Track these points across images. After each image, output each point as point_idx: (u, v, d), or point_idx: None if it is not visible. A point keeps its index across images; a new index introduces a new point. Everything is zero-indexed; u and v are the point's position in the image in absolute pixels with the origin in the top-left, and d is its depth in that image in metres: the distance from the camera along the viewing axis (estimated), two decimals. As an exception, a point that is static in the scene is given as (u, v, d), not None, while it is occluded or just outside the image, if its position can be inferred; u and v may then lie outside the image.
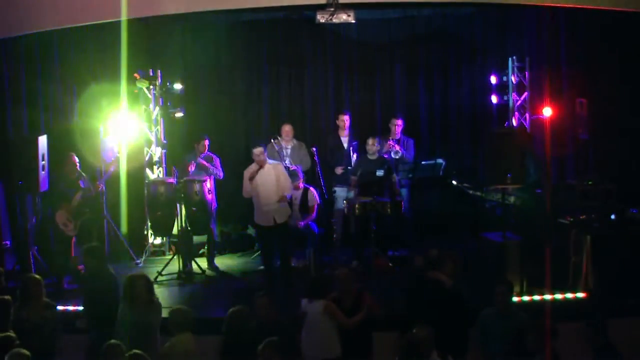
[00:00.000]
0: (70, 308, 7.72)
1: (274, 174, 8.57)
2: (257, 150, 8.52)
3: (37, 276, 6.55)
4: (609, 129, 10.68)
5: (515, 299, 7.39)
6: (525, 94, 10.66)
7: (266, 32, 11.04)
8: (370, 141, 9.43)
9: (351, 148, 9.94)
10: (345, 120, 10.05)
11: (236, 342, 5.83)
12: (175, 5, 8.97)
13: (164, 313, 6.35)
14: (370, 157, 9.47)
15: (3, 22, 8.88)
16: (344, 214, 9.55)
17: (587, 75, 10.55)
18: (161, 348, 6.00)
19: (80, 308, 7.32)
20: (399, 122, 10.04)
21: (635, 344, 6.73)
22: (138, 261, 9.85)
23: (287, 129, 9.97)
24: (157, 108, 10.43)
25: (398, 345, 5.56)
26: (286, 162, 9.53)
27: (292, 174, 9.19)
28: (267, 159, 8.63)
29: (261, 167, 8.50)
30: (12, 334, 5.68)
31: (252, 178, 8.49)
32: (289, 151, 9.87)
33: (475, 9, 10.87)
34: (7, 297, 6.21)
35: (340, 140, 10.04)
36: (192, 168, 9.56)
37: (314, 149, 9.67)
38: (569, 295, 7.96)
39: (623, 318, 7.32)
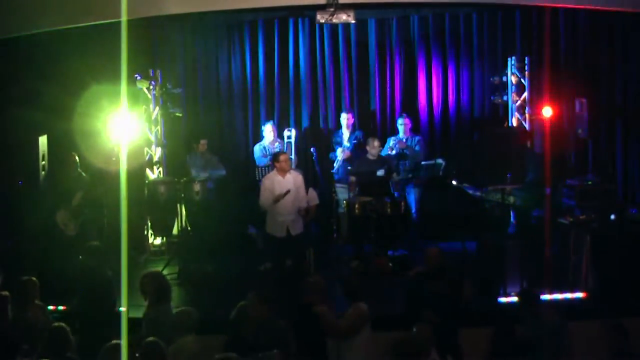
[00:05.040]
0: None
1: (293, 185, 8.38)
2: (283, 156, 8.42)
3: (33, 278, 6.47)
4: (609, 129, 10.70)
5: (515, 299, 7.39)
6: (525, 93, 10.66)
7: (265, 32, 11.03)
8: (375, 143, 9.41)
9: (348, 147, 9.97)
10: (347, 119, 10.10)
11: (240, 336, 5.71)
12: (175, 5, 8.97)
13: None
14: (370, 157, 9.46)
15: (3, 22, 8.87)
16: (343, 213, 9.54)
17: (587, 75, 10.56)
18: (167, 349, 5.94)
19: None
20: (407, 121, 10.15)
21: (634, 344, 6.73)
22: (138, 262, 9.85)
23: (268, 129, 10.04)
24: (157, 108, 10.43)
25: (395, 344, 5.52)
26: None
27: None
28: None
29: (283, 174, 8.38)
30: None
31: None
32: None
33: (475, 9, 10.88)
34: (5, 292, 6.20)
35: (342, 139, 10.10)
36: None
37: (312, 149, 9.66)
38: (569, 295, 7.97)
39: (622, 318, 7.32)
